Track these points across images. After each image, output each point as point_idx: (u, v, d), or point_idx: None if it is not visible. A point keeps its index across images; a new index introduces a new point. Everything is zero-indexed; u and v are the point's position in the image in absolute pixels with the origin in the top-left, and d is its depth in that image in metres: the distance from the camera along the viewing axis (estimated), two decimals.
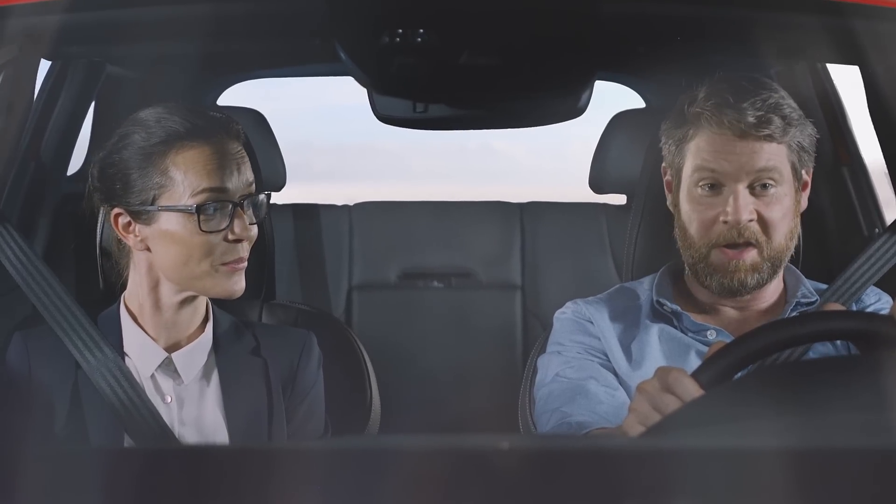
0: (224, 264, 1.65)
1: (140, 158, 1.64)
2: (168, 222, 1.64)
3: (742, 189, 1.69)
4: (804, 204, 1.78)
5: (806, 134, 1.73)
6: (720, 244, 1.71)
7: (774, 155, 1.69)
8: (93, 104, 2.69)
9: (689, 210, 1.75)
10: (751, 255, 1.71)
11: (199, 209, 1.62)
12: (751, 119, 1.67)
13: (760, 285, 1.74)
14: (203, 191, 1.63)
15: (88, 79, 2.60)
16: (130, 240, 1.68)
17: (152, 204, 1.64)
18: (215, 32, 1.88)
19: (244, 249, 1.66)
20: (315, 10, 1.79)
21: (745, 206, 1.69)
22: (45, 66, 2.48)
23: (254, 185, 1.68)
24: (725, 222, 1.70)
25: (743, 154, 1.68)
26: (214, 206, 1.63)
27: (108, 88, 2.71)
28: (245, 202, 1.65)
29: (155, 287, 1.70)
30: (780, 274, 1.78)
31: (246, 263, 1.67)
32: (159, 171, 1.63)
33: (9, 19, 1.60)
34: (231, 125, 1.69)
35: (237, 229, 1.64)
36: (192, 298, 1.71)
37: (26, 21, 1.64)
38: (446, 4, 1.72)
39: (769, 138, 1.68)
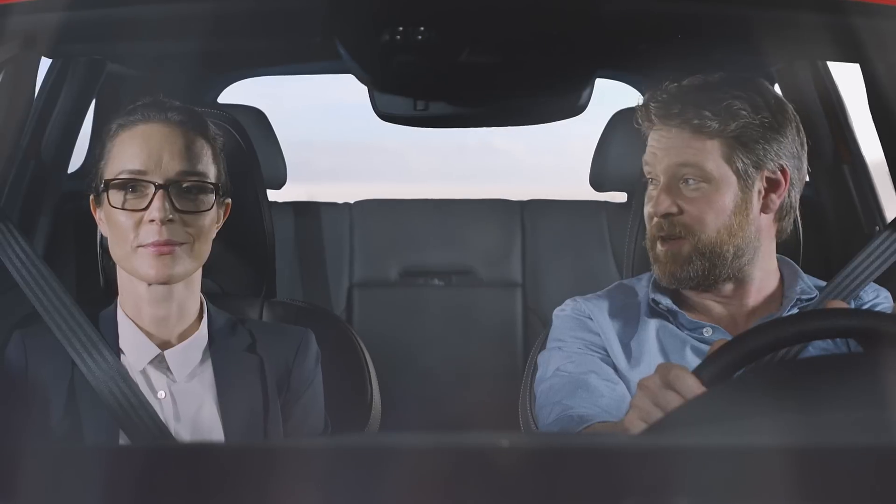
0: (142, 246, 1.64)
1: (103, 140, 1.70)
2: (107, 202, 1.66)
3: (663, 182, 1.71)
4: (774, 205, 1.73)
5: (754, 132, 1.68)
6: (659, 236, 1.72)
7: (700, 151, 1.68)
8: (93, 102, 2.69)
9: (644, 203, 1.77)
10: (683, 247, 1.71)
11: (119, 186, 1.64)
12: (674, 110, 1.68)
13: (696, 278, 1.71)
14: (125, 170, 1.65)
15: (89, 77, 2.60)
16: (101, 226, 1.72)
17: (98, 183, 1.68)
18: (216, 30, 1.88)
19: (165, 232, 1.63)
20: (316, 7, 1.79)
21: (661, 199, 1.70)
22: (45, 64, 2.47)
23: (193, 175, 1.67)
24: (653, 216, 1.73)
25: (668, 148, 1.70)
26: (133, 185, 1.64)
27: (109, 87, 2.71)
28: (171, 187, 1.65)
29: (123, 275, 1.71)
30: (757, 271, 1.74)
31: (174, 248, 1.64)
32: (105, 150, 1.68)
33: (9, 17, 1.60)
34: (203, 120, 1.71)
35: (155, 212, 1.63)
36: (168, 292, 1.69)
37: (27, 19, 1.64)
38: (447, 2, 1.72)
39: (697, 134, 1.67)
